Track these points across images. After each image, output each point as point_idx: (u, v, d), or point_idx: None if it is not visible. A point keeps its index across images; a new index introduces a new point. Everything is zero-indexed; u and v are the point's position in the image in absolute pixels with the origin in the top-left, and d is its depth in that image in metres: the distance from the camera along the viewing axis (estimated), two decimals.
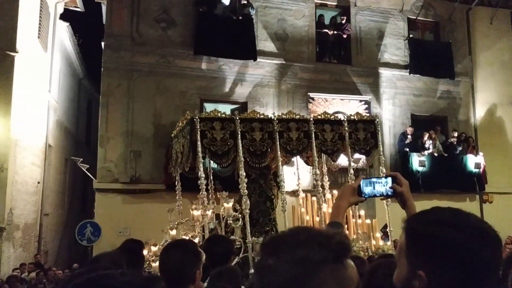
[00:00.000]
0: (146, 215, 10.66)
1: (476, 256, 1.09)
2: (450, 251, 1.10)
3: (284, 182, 7.50)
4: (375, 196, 1.81)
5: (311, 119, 7.76)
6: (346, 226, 7.73)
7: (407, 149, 12.99)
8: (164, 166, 10.68)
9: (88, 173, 12.00)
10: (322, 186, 8.46)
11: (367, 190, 1.80)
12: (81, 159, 12.30)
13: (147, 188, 11.35)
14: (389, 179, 1.78)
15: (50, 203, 13.49)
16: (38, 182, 12.27)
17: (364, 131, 7.98)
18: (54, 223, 14.29)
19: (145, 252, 7.11)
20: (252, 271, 6.46)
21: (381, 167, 8.43)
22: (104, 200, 11.28)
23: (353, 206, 2.75)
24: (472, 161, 13.34)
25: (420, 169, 12.79)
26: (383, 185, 1.78)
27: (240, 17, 12.51)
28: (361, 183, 1.81)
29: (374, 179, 1.81)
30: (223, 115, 7.40)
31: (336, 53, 13.83)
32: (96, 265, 1.84)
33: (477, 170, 13.32)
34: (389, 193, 1.78)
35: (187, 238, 6.90)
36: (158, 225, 8.35)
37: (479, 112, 14.56)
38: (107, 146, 11.52)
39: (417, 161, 12.85)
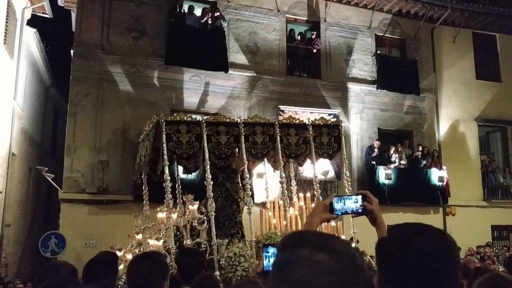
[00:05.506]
0: (113, 226, 10.48)
1: (415, 272, 1.16)
2: (394, 263, 1.19)
3: (250, 185, 7.54)
4: (346, 213, 1.86)
5: (277, 123, 7.85)
6: None
7: (374, 162, 13.26)
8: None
9: (54, 183, 11.72)
10: (289, 191, 8.56)
11: (338, 207, 1.84)
12: (46, 169, 11.99)
13: (114, 199, 11.17)
14: (359, 197, 1.83)
15: (12, 213, 13.05)
16: (0, 192, 11.88)
17: (328, 136, 8.07)
18: (16, 234, 13.82)
19: None
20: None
21: (346, 179, 8.55)
22: (69, 210, 11.02)
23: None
24: (436, 175, 13.72)
25: (387, 182, 13.07)
26: (354, 202, 1.83)
27: (212, 29, 12.58)
28: (332, 200, 1.85)
29: (345, 197, 1.86)
30: (189, 118, 7.40)
31: (306, 67, 14.08)
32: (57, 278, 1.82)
33: (440, 183, 13.71)
34: (359, 210, 1.83)
35: (153, 240, 6.83)
36: (125, 237, 8.22)
37: (443, 127, 15.04)
38: (74, 156, 11.29)
39: (383, 174, 13.13)
